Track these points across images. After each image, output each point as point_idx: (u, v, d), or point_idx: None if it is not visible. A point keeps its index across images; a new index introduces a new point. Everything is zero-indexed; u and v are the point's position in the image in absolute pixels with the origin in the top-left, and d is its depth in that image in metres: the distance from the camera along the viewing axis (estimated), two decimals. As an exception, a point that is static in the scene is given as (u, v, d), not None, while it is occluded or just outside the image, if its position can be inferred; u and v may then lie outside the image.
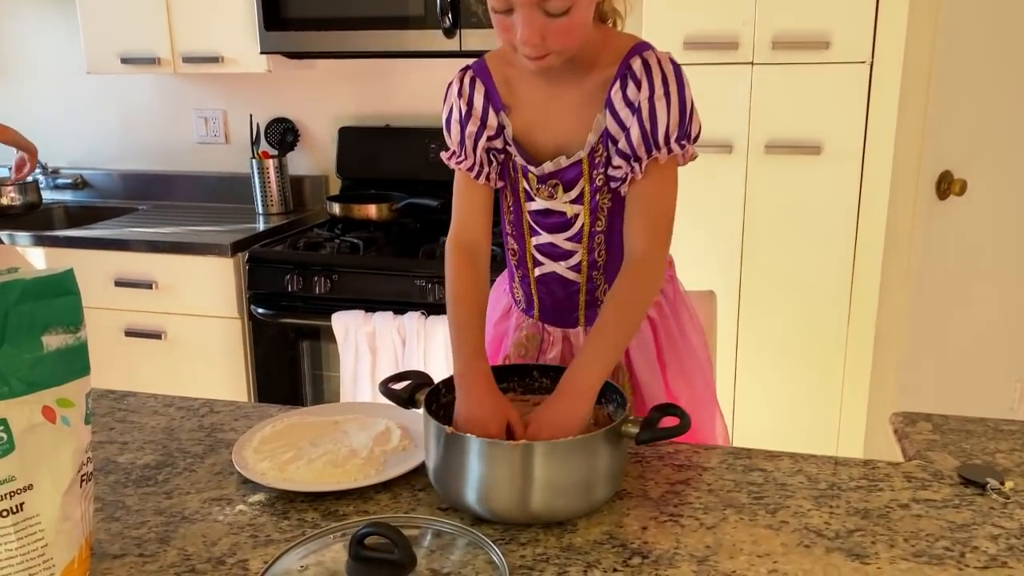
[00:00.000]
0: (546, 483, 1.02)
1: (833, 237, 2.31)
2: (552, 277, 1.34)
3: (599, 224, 1.28)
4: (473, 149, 1.27)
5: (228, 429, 1.30)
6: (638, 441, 1.06)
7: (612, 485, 1.07)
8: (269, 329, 2.46)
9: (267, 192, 2.93)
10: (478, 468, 1.03)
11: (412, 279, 2.29)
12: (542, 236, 1.32)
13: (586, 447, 1.03)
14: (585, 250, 1.31)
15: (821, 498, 1.08)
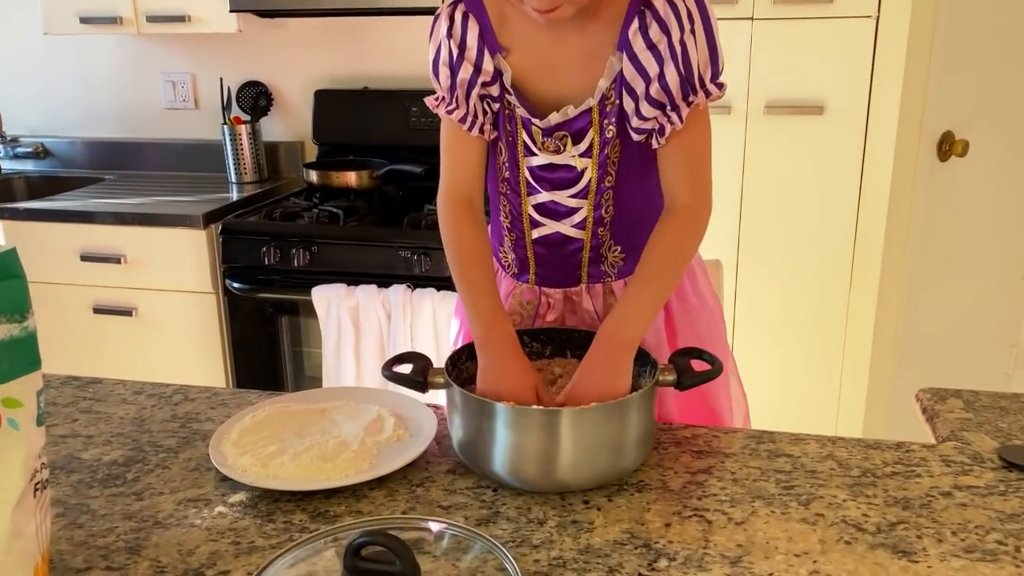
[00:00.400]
0: (581, 449, 0.96)
1: (835, 202, 2.22)
2: (553, 238, 1.23)
3: (608, 179, 1.18)
4: (466, 97, 1.15)
5: (204, 419, 1.19)
6: (681, 387, 1.01)
7: (642, 452, 1.00)
8: (245, 304, 2.34)
9: (240, 160, 2.79)
10: (510, 437, 0.96)
11: (396, 250, 2.17)
12: (542, 194, 1.21)
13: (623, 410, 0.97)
14: (591, 207, 1.20)
15: (856, 486, 0.99)
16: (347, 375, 2.19)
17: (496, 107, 1.17)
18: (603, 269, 1.25)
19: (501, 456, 0.97)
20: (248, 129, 2.78)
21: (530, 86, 1.14)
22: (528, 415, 0.96)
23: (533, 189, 1.21)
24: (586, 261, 1.24)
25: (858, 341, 2.34)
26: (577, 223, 1.21)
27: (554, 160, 1.17)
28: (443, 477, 1.03)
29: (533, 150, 1.18)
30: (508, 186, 1.23)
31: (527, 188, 1.21)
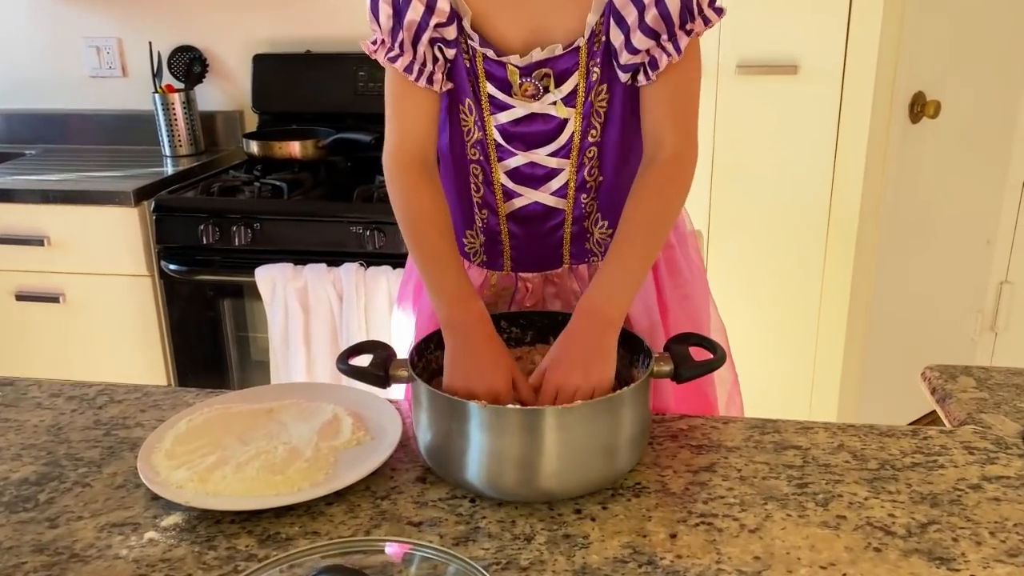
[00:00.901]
0: (568, 453, 0.84)
1: (810, 165, 2.13)
2: (529, 210, 1.09)
3: (592, 133, 1.04)
4: (413, 43, 0.99)
5: (133, 424, 1.04)
6: (679, 379, 0.89)
7: (636, 453, 0.88)
8: (184, 288, 2.16)
9: (174, 131, 2.59)
10: (486, 441, 0.84)
11: (347, 226, 2.02)
12: (516, 157, 1.06)
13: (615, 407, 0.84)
14: (574, 167, 1.06)
15: (876, 481, 0.89)
16: (296, 363, 2.03)
17: (451, 53, 1.01)
18: (588, 247, 1.12)
19: (476, 463, 0.84)
20: (182, 98, 2.57)
21: (494, 27, 0.99)
22: (506, 416, 0.83)
23: (505, 152, 1.06)
24: (568, 238, 1.11)
25: (833, 308, 2.26)
26: (557, 189, 1.07)
27: (532, 108, 1.02)
28: (412, 487, 0.90)
29: (503, 102, 1.03)
30: (479, 150, 1.08)
31: (497, 151, 1.07)
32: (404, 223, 1.02)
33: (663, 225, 1.00)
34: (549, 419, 0.82)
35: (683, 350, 0.90)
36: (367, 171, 2.27)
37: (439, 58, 1.01)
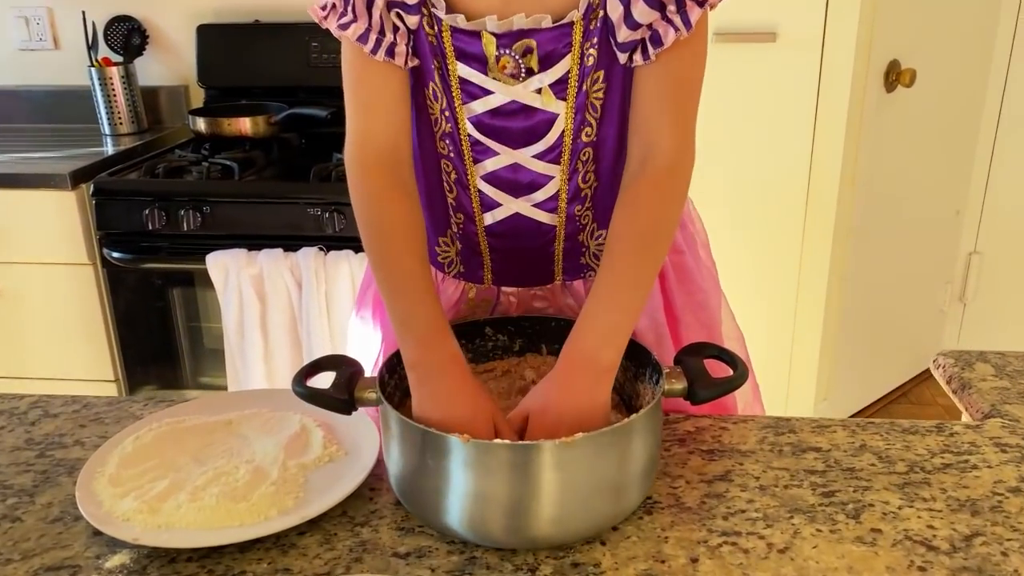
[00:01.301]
0: (568, 496, 0.72)
1: (789, 134, 2.05)
2: (512, 224, 0.93)
3: (587, 131, 0.89)
4: (367, 6, 0.83)
5: (71, 442, 0.92)
6: (696, 401, 0.78)
7: (646, 485, 0.77)
8: (129, 277, 2.01)
9: (113, 108, 2.41)
10: (469, 482, 0.72)
11: (304, 207, 1.89)
12: (496, 157, 0.90)
13: (623, 439, 0.72)
14: (566, 174, 0.91)
15: (907, 487, 0.81)
16: (253, 354, 1.91)
17: (413, 22, 0.84)
18: (584, 262, 0.98)
19: (458, 507, 0.72)
20: (120, 72, 2.40)
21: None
22: (494, 452, 0.71)
23: (482, 150, 0.90)
24: (559, 256, 0.96)
25: (813, 278, 2.20)
26: (544, 201, 0.91)
27: (514, 93, 0.86)
28: (394, 511, 0.79)
29: (478, 87, 0.86)
30: (451, 144, 0.91)
31: (472, 149, 0.90)
32: (368, 240, 0.85)
33: (659, 245, 0.85)
34: (546, 456, 0.69)
35: (698, 364, 0.79)
36: (323, 148, 2.14)
37: (399, 27, 0.84)
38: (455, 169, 0.92)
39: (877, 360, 2.73)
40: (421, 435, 0.73)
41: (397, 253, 0.84)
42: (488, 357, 0.91)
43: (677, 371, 0.80)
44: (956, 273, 2.89)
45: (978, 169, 2.77)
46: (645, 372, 0.83)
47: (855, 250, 2.38)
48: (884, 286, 2.61)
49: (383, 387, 0.79)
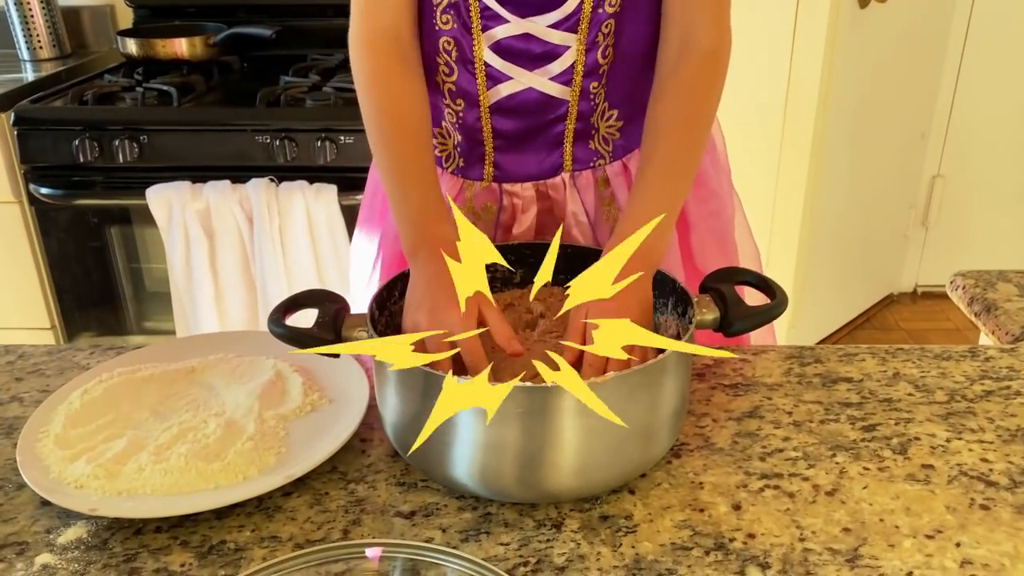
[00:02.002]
0: (593, 443, 0.63)
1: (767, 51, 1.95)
2: (521, 99, 0.86)
3: (610, 1, 0.81)
4: None
5: (7, 398, 0.80)
6: (730, 333, 0.69)
7: (676, 427, 0.69)
8: (60, 215, 1.84)
9: (31, 30, 2.20)
10: (482, 430, 0.62)
11: (252, 135, 1.73)
12: (507, 24, 0.83)
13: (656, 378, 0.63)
14: (583, 45, 0.83)
15: (951, 417, 0.74)
16: (203, 296, 1.77)
17: None
18: (593, 147, 0.90)
19: (468, 458, 0.63)
20: (37, -10, 2.18)
21: None
22: (512, 396, 0.58)
23: (492, 17, 0.83)
24: (570, 137, 0.88)
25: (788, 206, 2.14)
26: (559, 74, 0.85)
27: None
28: (391, 464, 0.70)
29: None
30: (454, 16, 0.84)
31: (481, 15, 0.83)
32: (370, 116, 0.82)
33: (702, 131, 0.81)
34: (569, 400, 0.60)
35: (731, 292, 0.70)
36: (268, 71, 1.97)
37: None
38: (456, 45, 0.86)
39: (842, 286, 2.70)
40: (424, 378, 0.63)
41: (396, 129, 0.80)
42: (496, 286, 0.81)
43: (706, 300, 0.71)
44: (920, 197, 2.87)
45: (943, 92, 2.72)
46: (667, 302, 0.74)
47: (824, 173, 2.32)
48: (850, 211, 2.57)
49: (374, 325, 0.69)
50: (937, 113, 2.75)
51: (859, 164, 2.51)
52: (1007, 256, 2.88)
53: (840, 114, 2.28)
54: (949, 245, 2.91)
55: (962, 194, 2.85)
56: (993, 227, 2.87)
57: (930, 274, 2.96)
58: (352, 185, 1.72)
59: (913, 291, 2.99)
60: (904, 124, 2.67)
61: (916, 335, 2.75)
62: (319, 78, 1.89)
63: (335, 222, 1.72)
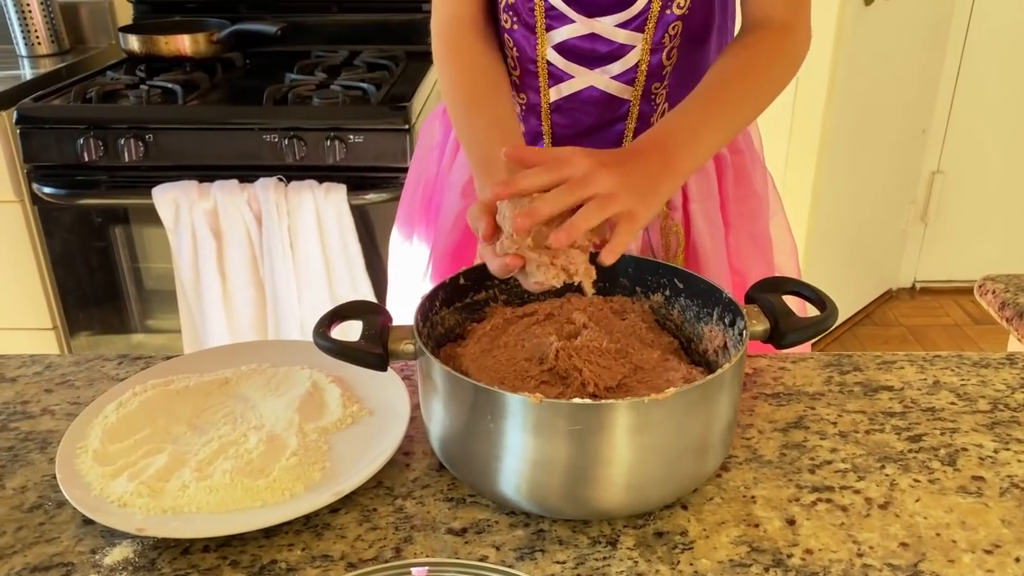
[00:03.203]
0: (648, 461, 0.62)
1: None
2: (583, 97, 0.87)
3: (679, 1, 0.81)
4: None
5: (38, 411, 0.78)
6: (781, 345, 0.68)
7: (728, 441, 0.68)
8: (64, 215, 1.82)
9: (28, 25, 2.16)
10: (533, 446, 0.61)
11: (260, 134, 1.71)
12: (571, 24, 0.83)
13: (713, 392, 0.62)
14: (648, 45, 0.83)
15: (996, 427, 0.74)
16: (211, 298, 1.75)
17: None
18: None
19: (515, 472, 0.62)
20: (35, -15, 2.14)
21: None
22: (559, 413, 0.59)
23: (557, 17, 0.83)
24: (631, 136, 0.88)
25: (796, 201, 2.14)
26: (622, 73, 0.84)
27: None
28: (438, 478, 0.69)
29: None
30: (515, 16, 0.85)
31: (546, 16, 0.83)
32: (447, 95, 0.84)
33: (764, 87, 0.79)
34: (625, 417, 0.59)
35: (780, 303, 0.70)
36: (273, 69, 1.95)
37: None
38: (517, 45, 0.87)
39: (842, 282, 2.71)
40: (474, 391, 0.62)
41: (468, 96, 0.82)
42: (524, 299, 0.80)
43: (754, 310, 0.70)
44: (919, 193, 2.88)
45: (944, 88, 2.73)
46: (711, 312, 0.74)
47: (827, 169, 2.32)
48: (850, 207, 2.57)
49: (423, 330, 0.68)
50: (937, 109, 2.75)
51: (860, 160, 2.52)
52: (1006, 252, 2.90)
53: (843, 111, 2.28)
54: (948, 241, 2.92)
55: (961, 190, 2.86)
56: (992, 223, 2.89)
57: (929, 270, 2.98)
58: (362, 184, 1.70)
59: (912, 286, 3.00)
60: (905, 120, 2.68)
61: (916, 331, 2.76)
62: (325, 75, 1.87)
63: (345, 222, 1.70)
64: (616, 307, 0.78)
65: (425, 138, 1.06)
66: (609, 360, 0.68)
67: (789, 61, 0.81)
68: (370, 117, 1.70)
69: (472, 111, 0.82)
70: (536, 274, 0.67)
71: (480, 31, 0.86)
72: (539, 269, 0.66)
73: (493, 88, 0.83)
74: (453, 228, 0.96)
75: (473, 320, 0.79)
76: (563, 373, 0.68)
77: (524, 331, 0.74)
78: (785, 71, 0.81)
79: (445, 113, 1.02)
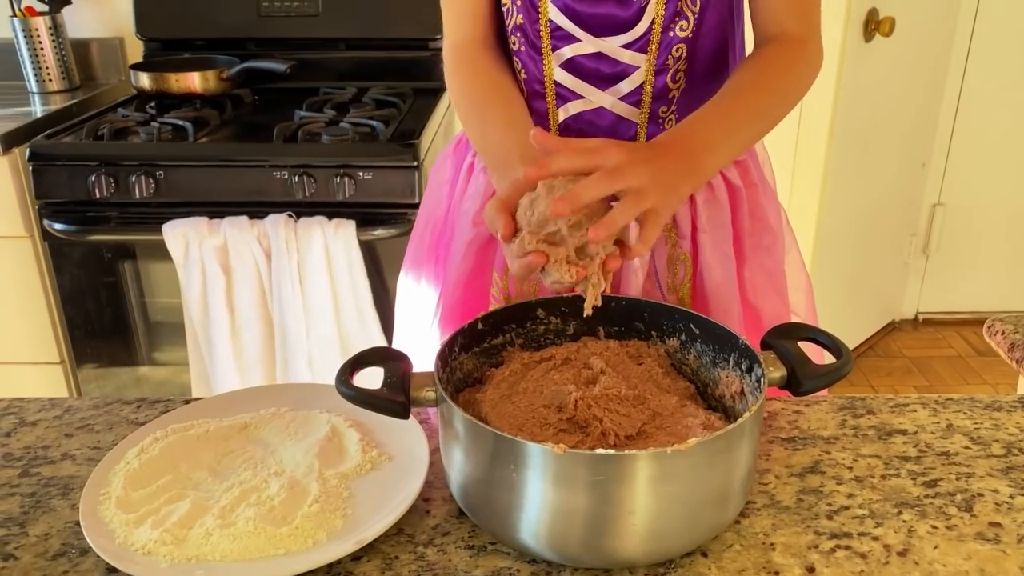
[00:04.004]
0: (668, 510, 0.63)
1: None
2: (589, 119, 0.88)
3: (682, 24, 0.83)
4: None
5: (58, 456, 0.79)
6: (799, 392, 0.69)
7: (748, 488, 0.68)
8: (74, 250, 1.83)
9: (40, 63, 2.19)
10: (554, 495, 0.62)
11: (270, 171, 1.73)
12: (578, 43, 0.85)
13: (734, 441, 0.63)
14: (652, 66, 0.85)
15: (1011, 472, 0.75)
16: (219, 334, 1.75)
17: None
18: None
19: (535, 521, 0.63)
20: (47, 22, 2.17)
21: None
22: (582, 463, 0.60)
23: (563, 37, 0.85)
24: None
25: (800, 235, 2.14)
26: (629, 92, 0.86)
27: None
28: (459, 526, 0.69)
29: None
30: (522, 38, 0.87)
31: (552, 37, 0.85)
32: (460, 108, 0.86)
33: (781, 99, 0.81)
34: (647, 467, 0.60)
35: (796, 350, 0.70)
36: (283, 106, 1.98)
37: None
38: (524, 67, 0.89)
39: (845, 313, 2.72)
40: (496, 440, 0.63)
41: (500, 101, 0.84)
42: (540, 343, 0.81)
43: (771, 357, 0.71)
44: (920, 225, 2.90)
45: (943, 122, 2.76)
46: (728, 357, 0.75)
47: (831, 204, 2.34)
48: (853, 239, 2.59)
49: (443, 375, 0.69)
50: (937, 142, 2.78)
51: (861, 193, 2.54)
52: (1008, 283, 2.92)
53: (844, 144, 2.31)
54: (950, 272, 2.94)
55: (962, 222, 2.88)
56: (993, 254, 2.91)
57: (931, 301, 2.99)
58: (371, 220, 1.72)
59: (915, 318, 3.01)
60: (905, 153, 2.70)
61: (920, 363, 2.76)
62: (335, 112, 1.89)
63: (354, 257, 1.72)
64: (632, 351, 0.79)
65: (436, 176, 1.07)
66: (628, 407, 0.69)
67: (804, 72, 0.83)
68: (379, 154, 1.72)
69: (486, 114, 0.85)
70: (553, 272, 0.68)
71: (492, 51, 0.89)
72: (556, 266, 0.68)
73: (507, 93, 0.86)
74: (465, 256, 0.97)
75: (491, 364, 0.80)
76: (582, 423, 0.68)
77: (542, 377, 0.75)
78: (800, 82, 0.84)
79: (456, 151, 1.03)
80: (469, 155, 0.98)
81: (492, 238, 0.96)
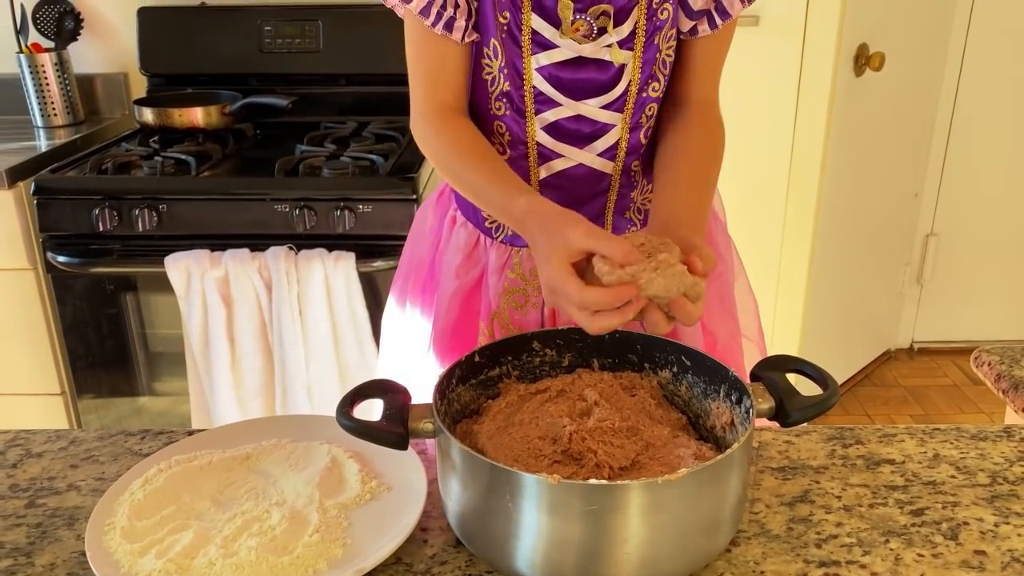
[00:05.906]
0: (659, 538, 0.64)
1: (772, 117, 2.01)
2: (568, 175, 0.93)
3: (654, 86, 0.90)
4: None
5: (64, 487, 0.81)
6: (787, 423, 0.71)
7: (738, 517, 0.70)
8: (77, 283, 1.85)
9: (46, 98, 2.23)
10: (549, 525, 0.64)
11: (271, 204, 1.76)
12: (558, 108, 0.90)
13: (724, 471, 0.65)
14: (627, 125, 0.91)
15: (996, 500, 0.77)
16: (220, 364, 1.77)
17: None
18: (628, 216, 0.97)
19: (530, 549, 0.65)
20: (53, 59, 2.21)
21: None
22: (576, 493, 0.61)
23: (546, 102, 0.89)
24: (611, 209, 0.95)
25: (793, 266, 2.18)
26: (606, 149, 0.92)
27: (583, 51, 0.86)
28: (455, 554, 0.71)
29: (547, 40, 0.87)
30: (507, 103, 0.90)
31: (535, 101, 0.89)
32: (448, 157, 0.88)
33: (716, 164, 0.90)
34: (639, 497, 0.62)
35: (784, 382, 0.73)
36: (283, 140, 2.01)
37: (460, 3, 0.83)
38: (509, 130, 0.92)
39: (841, 343, 2.74)
40: (492, 471, 0.64)
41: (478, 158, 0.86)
42: (536, 375, 0.83)
43: (760, 388, 0.73)
44: (914, 255, 2.93)
45: (935, 152, 2.80)
46: (718, 389, 0.77)
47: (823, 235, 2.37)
48: (848, 269, 2.62)
49: (441, 407, 0.71)
50: (929, 173, 2.82)
51: (855, 224, 2.57)
52: (1001, 312, 2.94)
53: (837, 176, 2.34)
54: (944, 302, 2.96)
55: (955, 251, 2.91)
56: (986, 283, 2.94)
57: (926, 330, 3.01)
58: (370, 253, 1.74)
59: (910, 347, 3.03)
60: (897, 184, 2.74)
61: (915, 392, 2.78)
62: (335, 147, 1.92)
63: (353, 289, 1.74)
64: (625, 383, 0.81)
65: (419, 224, 1.11)
66: (622, 439, 0.71)
67: (722, 139, 0.93)
68: (378, 187, 1.75)
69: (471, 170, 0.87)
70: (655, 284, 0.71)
71: (467, 118, 0.92)
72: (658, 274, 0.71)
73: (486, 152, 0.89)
74: (449, 309, 1.01)
75: (488, 396, 0.82)
76: (576, 455, 0.70)
77: (538, 408, 0.77)
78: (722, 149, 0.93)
79: (439, 202, 1.07)
80: (451, 208, 1.02)
81: (476, 289, 0.99)
